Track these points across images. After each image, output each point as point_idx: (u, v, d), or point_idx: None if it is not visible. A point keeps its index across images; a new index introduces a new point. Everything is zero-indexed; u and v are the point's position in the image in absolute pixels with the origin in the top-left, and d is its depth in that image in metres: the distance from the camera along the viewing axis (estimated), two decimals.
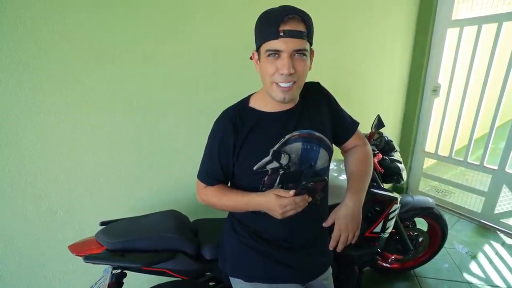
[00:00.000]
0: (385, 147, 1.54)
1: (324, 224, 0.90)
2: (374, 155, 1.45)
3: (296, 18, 0.71)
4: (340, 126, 0.96)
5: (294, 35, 0.71)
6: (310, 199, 0.77)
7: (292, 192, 0.74)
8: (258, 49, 0.78)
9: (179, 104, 1.37)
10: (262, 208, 0.81)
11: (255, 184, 0.84)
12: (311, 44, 0.78)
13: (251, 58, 0.85)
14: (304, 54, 0.74)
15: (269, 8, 0.77)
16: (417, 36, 2.48)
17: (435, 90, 2.51)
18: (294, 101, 0.86)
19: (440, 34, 2.36)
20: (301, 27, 0.72)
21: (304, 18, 0.72)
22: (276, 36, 0.70)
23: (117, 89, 1.19)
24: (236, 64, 1.47)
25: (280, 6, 0.74)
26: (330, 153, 0.90)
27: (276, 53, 0.72)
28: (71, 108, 1.11)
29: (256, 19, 0.78)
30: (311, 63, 0.81)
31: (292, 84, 0.76)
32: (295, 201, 0.74)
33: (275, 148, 0.81)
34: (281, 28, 0.70)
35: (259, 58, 0.79)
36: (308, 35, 0.74)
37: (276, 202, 0.75)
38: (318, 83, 0.96)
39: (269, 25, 0.72)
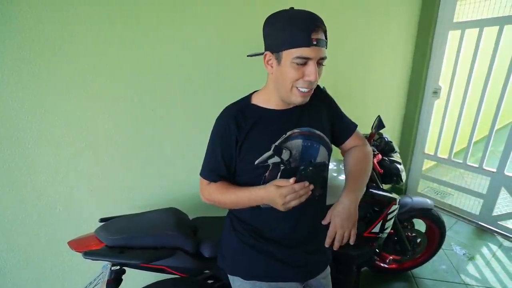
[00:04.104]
0: (385, 148, 1.55)
1: (323, 222, 0.89)
2: (374, 155, 1.45)
3: (322, 28, 0.74)
4: (339, 127, 0.98)
5: (322, 44, 0.74)
6: (311, 186, 0.75)
7: (292, 180, 0.73)
8: (277, 52, 0.76)
9: (181, 103, 1.37)
10: (264, 201, 0.80)
11: (255, 180, 0.85)
12: None
13: (250, 55, 0.85)
14: (324, 62, 0.78)
15: (281, 10, 0.77)
16: (418, 38, 2.48)
17: (436, 92, 2.51)
18: None
19: (442, 36, 2.37)
20: (324, 36, 0.75)
21: (325, 30, 0.76)
22: (309, 44, 0.71)
23: (119, 86, 1.19)
24: (238, 63, 1.47)
25: (301, 11, 0.75)
26: (329, 150, 0.91)
27: (304, 60, 0.73)
28: (72, 105, 1.11)
29: (270, 20, 0.77)
30: None
31: (311, 89, 0.79)
32: (294, 189, 0.73)
33: (276, 143, 0.83)
34: (313, 37, 0.71)
35: (278, 62, 0.77)
36: (327, 45, 0.78)
37: (277, 193, 0.74)
38: (318, 86, 0.98)
39: (299, 32, 0.71)
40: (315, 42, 0.71)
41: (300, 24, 0.72)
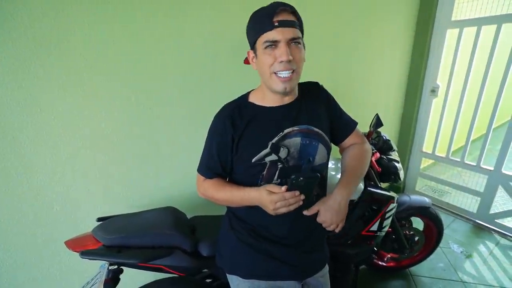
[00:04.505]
0: (383, 146, 1.55)
1: (305, 212, 0.86)
2: (372, 154, 1.45)
3: (287, 9, 0.76)
4: (339, 125, 0.97)
5: (288, 25, 0.75)
6: (302, 197, 0.76)
7: (284, 188, 0.74)
8: (253, 46, 0.81)
9: (178, 101, 1.36)
10: (256, 202, 0.81)
11: (253, 179, 0.85)
12: (302, 35, 0.81)
13: (245, 63, 0.87)
14: (299, 42, 0.78)
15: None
16: (416, 36, 2.48)
17: (434, 91, 2.51)
18: (293, 94, 0.88)
19: (440, 35, 2.37)
20: (292, 18, 0.76)
21: (293, 9, 0.77)
22: (272, 27, 0.74)
23: (115, 85, 1.18)
24: (235, 62, 1.47)
25: (269, 4, 0.79)
26: (328, 149, 0.91)
27: (273, 43, 0.76)
28: (69, 104, 1.10)
29: (248, 22, 0.83)
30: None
31: (291, 73, 0.78)
32: (284, 197, 0.74)
33: (273, 141, 0.83)
34: (275, 19, 0.74)
35: (255, 54, 0.81)
36: (300, 26, 0.79)
37: (268, 198, 0.76)
38: (317, 83, 0.98)
39: (263, 19, 0.76)
40: (277, 24, 0.73)
41: (264, 12, 0.76)
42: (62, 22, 1.02)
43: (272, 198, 0.75)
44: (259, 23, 0.77)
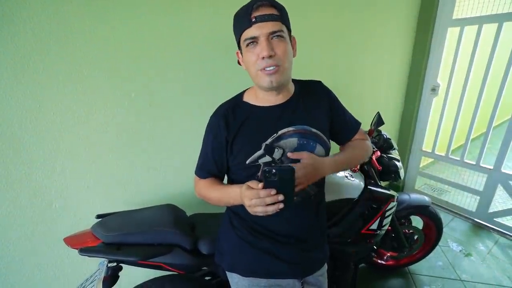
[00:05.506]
0: (384, 145, 1.54)
1: (289, 155, 0.80)
2: (373, 152, 1.45)
3: (265, 4, 0.74)
4: (342, 126, 0.95)
5: (266, 19, 0.73)
6: (281, 197, 0.68)
7: (260, 185, 0.70)
8: (239, 46, 0.80)
9: (178, 98, 1.36)
10: (239, 199, 0.77)
11: (249, 179, 0.83)
12: (288, 29, 0.80)
13: (239, 64, 0.86)
14: (281, 36, 0.75)
15: None
16: (417, 35, 2.47)
17: (434, 89, 2.51)
18: (287, 91, 0.86)
19: (441, 33, 2.36)
20: (272, 11, 0.74)
21: (273, 3, 0.75)
22: (250, 24, 0.73)
23: (115, 81, 1.17)
24: (236, 59, 1.45)
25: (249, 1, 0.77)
26: (327, 149, 0.89)
27: (253, 40, 0.74)
28: (68, 100, 1.09)
29: None
30: (294, 50, 0.83)
31: (276, 67, 0.76)
32: (259, 194, 0.68)
33: (267, 142, 0.81)
34: (252, 15, 0.72)
35: (242, 54, 0.81)
36: (281, 17, 0.75)
37: (245, 193, 0.72)
38: (320, 81, 0.96)
39: (242, 17, 0.75)
40: (254, 20, 0.72)
41: (243, 10, 0.75)
42: (61, 17, 1.01)
43: (247, 193, 0.71)
44: (239, 22, 0.76)
